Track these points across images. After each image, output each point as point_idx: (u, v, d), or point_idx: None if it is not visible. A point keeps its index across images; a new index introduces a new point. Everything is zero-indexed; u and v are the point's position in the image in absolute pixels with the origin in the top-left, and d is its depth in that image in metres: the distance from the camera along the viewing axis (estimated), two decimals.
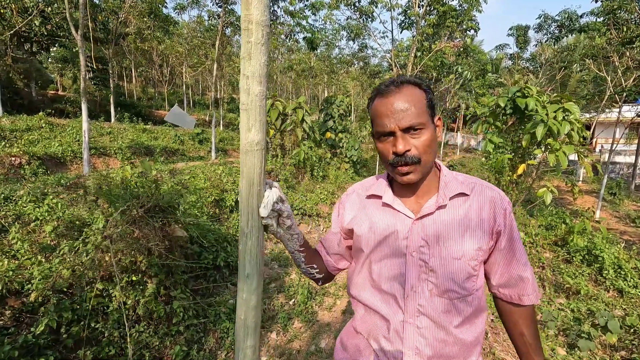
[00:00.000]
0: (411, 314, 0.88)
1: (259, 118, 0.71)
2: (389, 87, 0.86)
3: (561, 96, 5.02)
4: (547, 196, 4.69)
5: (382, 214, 0.94)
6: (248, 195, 0.75)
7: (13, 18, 10.23)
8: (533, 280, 0.95)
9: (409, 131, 0.83)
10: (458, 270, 0.87)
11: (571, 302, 3.61)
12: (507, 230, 0.91)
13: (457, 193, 0.90)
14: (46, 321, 1.93)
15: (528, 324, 0.95)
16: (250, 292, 0.79)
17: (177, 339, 2.53)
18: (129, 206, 1.97)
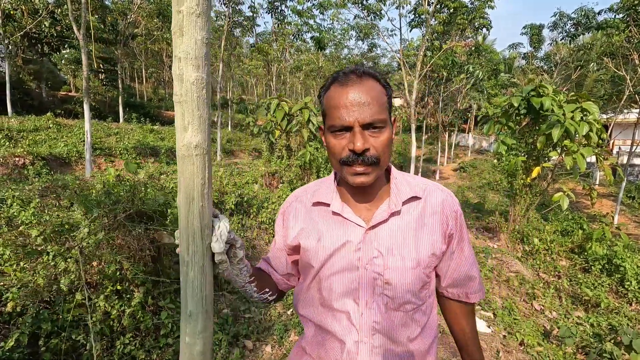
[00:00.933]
0: (366, 333, 0.80)
1: (198, 113, 0.54)
2: (348, 76, 0.77)
3: (579, 95, 4.75)
4: (564, 201, 4.43)
5: (331, 224, 0.85)
6: (187, 214, 0.58)
7: (23, 19, 10.33)
8: (479, 278, 0.95)
9: (369, 128, 0.75)
10: (414, 280, 0.81)
11: (590, 316, 3.36)
12: (457, 233, 0.88)
13: (410, 197, 0.84)
14: (16, 335, 1.80)
15: (468, 319, 0.96)
16: (194, 336, 0.62)
17: (165, 352, 2.39)
18: (107, 212, 1.83)
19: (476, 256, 4.39)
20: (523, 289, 3.79)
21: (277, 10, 12.25)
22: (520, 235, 5.23)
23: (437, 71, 10.42)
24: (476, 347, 0.96)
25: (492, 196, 10.22)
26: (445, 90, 13.70)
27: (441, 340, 2.65)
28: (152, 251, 2.16)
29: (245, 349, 2.62)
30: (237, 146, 14.69)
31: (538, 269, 4.53)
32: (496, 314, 3.12)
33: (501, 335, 2.82)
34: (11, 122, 8.41)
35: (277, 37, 13.92)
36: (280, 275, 0.97)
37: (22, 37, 10.94)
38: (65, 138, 8.31)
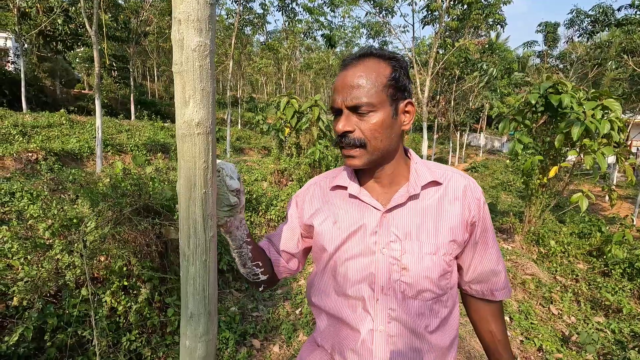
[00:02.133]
0: (381, 321, 0.77)
1: (200, 85, 0.48)
2: (351, 60, 0.77)
3: (600, 92, 4.57)
4: (583, 202, 4.27)
5: (348, 207, 0.82)
6: (188, 202, 0.51)
7: (38, 17, 10.48)
8: (505, 275, 0.89)
9: (356, 111, 0.73)
10: (433, 266, 0.76)
11: (611, 322, 3.21)
12: (481, 222, 0.82)
13: (430, 181, 0.80)
14: (21, 330, 1.77)
15: (497, 320, 0.89)
16: (195, 339, 0.55)
17: (171, 349, 2.34)
18: (113, 206, 1.79)
19: None
20: (539, 293, 3.66)
21: (288, 7, 12.20)
22: (535, 236, 5.07)
23: (449, 69, 10.23)
24: (507, 353, 0.88)
25: (504, 197, 10.01)
26: (458, 89, 13.47)
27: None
28: (159, 247, 2.11)
29: (252, 348, 2.56)
30: (246, 144, 14.70)
31: (555, 272, 4.38)
32: (512, 318, 3.00)
33: (518, 340, 2.71)
34: (26, 118, 8.53)
35: (288, 35, 13.88)
36: (281, 252, 0.90)
37: (37, 35, 11.12)
38: (77, 134, 8.40)
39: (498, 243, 5.13)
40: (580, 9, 15.78)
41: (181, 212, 0.52)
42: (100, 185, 1.91)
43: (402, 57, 0.80)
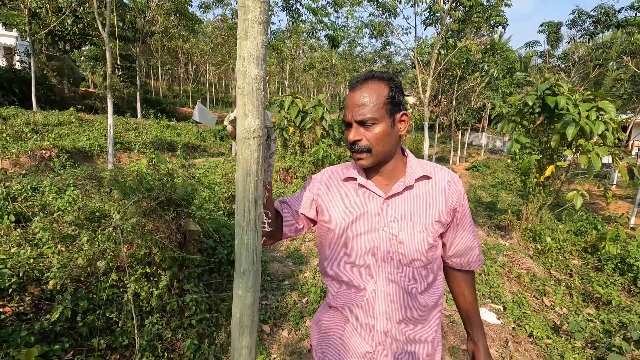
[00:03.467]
0: (382, 283, 0.97)
1: (257, 103, 0.66)
2: (355, 83, 0.97)
3: (595, 94, 4.73)
4: (577, 200, 4.44)
5: (357, 194, 1.03)
6: (245, 187, 0.70)
7: (48, 17, 10.69)
8: (479, 249, 1.11)
9: (363, 124, 0.94)
10: (422, 241, 0.97)
11: (601, 313, 3.39)
12: (461, 208, 1.04)
13: (421, 176, 1.02)
14: (61, 309, 1.97)
15: (469, 287, 1.13)
16: (246, 290, 0.75)
17: (189, 332, 2.54)
18: (141, 198, 1.98)
19: (487, 253, 4.45)
20: (534, 285, 3.84)
21: (292, 8, 12.36)
22: (532, 233, 5.24)
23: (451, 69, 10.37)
24: (475, 311, 1.13)
25: (505, 196, 10.16)
26: (459, 89, 13.61)
27: (451, 329, 2.74)
28: (179, 237, 2.31)
29: (263, 333, 2.76)
30: None
31: (550, 267, 4.55)
32: (506, 307, 3.19)
33: (510, 327, 2.89)
34: (37, 117, 8.75)
35: (291, 34, 14.04)
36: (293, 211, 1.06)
37: (46, 34, 11.32)
38: (87, 132, 8.61)
39: (496, 240, 5.25)
40: (582, 10, 15.84)
41: (238, 194, 0.71)
42: (129, 180, 2.10)
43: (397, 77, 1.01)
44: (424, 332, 1.02)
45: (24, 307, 2.15)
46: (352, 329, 1.02)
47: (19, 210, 2.97)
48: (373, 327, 0.98)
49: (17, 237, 2.64)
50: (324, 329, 1.08)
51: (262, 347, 2.56)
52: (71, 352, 2.07)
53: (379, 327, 0.98)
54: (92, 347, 2.15)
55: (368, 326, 0.98)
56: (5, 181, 3.24)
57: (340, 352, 1.03)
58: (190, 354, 2.41)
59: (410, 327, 1.00)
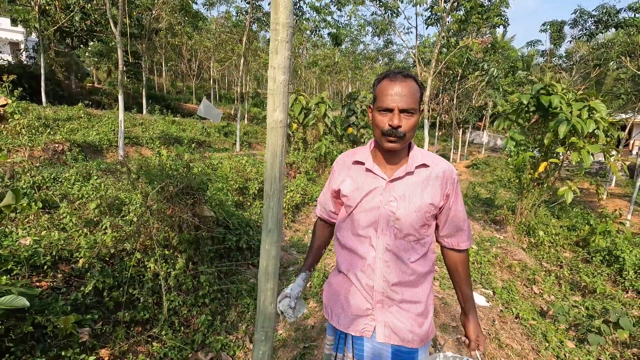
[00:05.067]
0: (381, 251, 1.16)
1: (283, 101, 0.89)
2: (397, 75, 1.10)
3: (588, 94, 4.93)
4: (568, 195, 4.65)
5: (365, 177, 1.20)
6: (272, 164, 0.93)
7: (57, 14, 10.91)
8: (468, 231, 1.26)
9: (404, 112, 1.09)
10: (416, 219, 1.14)
11: (586, 300, 3.61)
12: (453, 194, 1.19)
13: (421, 164, 1.17)
14: (93, 282, 2.21)
15: (462, 264, 1.28)
16: (271, 244, 0.97)
17: (202, 309, 2.77)
18: (164, 184, 2.20)
19: (481, 244, 4.67)
20: (524, 275, 4.06)
21: (296, 6, 12.54)
22: (526, 228, 5.46)
23: (452, 68, 10.55)
24: (467, 287, 1.28)
25: (504, 193, 10.35)
26: (460, 87, 13.78)
27: (443, 309, 2.97)
28: (196, 221, 2.53)
29: None
30: (253, 139, 15.12)
31: (541, 259, 4.77)
32: (495, 292, 3.41)
33: (498, 309, 3.12)
34: (47, 112, 8.99)
35: (295, 32, 14.21)
36: (327, 211, 1.36)
37: (55, 31, 11.54)
38: (96, 127, 8.85)
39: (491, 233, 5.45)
40: (583, 9, 15.93)
41: (267, 170, 0.94)
42: (153, 168, 2.32)
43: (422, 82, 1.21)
44: (415, 294, 1.18)
45: (57, 282, 2.39)
46: (355, 289, 1.20)
47: (44, 197, 3.21)
48: (372, 288, 1.17)
49: (46, 221, 2.87)
50: (333, 289, 1.29)
51: None
52: (100, 323, 2.30)
53: (378, 287, 1.16)
54: (118, 320, 2.39)
55: (368, 287, 1.17)
56: (30, 171, 3.48)
57: (345, 308, 1.22)
58: (204, 329, 2.64)
59: (404, 288, 1.17)
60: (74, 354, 2.02)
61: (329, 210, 1.34)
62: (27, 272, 2.28)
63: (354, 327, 1.20)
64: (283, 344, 2.57)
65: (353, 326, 1.20)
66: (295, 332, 2.72)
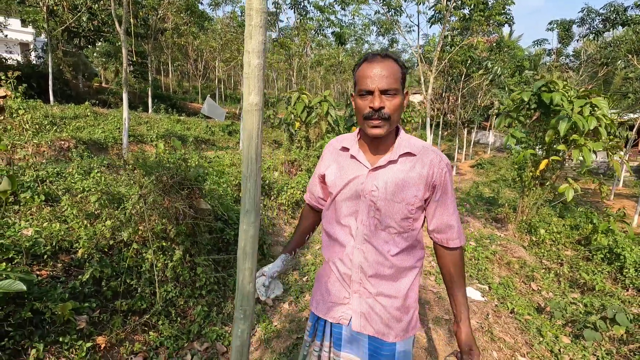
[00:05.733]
0: (359, 242, 1.13)
1: (257, 84, 0.92)
2: (375, 56, 1.06)
3: (589, 91, 4.89)
4: (569, 192, 4.62)
5: (349, 163, 1.17)
6: (249, 147, 0.96)
7: (64, 14, 11.09)
8: (459, 228, 1.16)
9: (385, 93, 1.03)
10: (397, 211, 1.09)
11: (585, 297, 3.59)
12: (441, 185, 1.11)
13: (405, 152, 1.11)
14: (91, 271, 2.26)
15: (455, 265, 1.17)
16: (249, 224, 1.01)
17: (199, 301, 2.82)
18: (161, 173, 2.25)
19: (480, 241, 4.66)
20: (523, 272, 4.05)
21: (300, 5, 12.59)
22: (528, 226, 5.42)
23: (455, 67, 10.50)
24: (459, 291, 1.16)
25: (508, 193, 10.28)
26: (465, 87, 13.70)
27: (437, 303, 2.98)
28: (192, 212, 2.58)
29: (266, 305, 3.03)
30: None
31: (542, 257, 4.74)
32: (491, 287, 3.41)
33: (494, 304, 3.12)
34: (54, 110, 9.15)
35: (299, 32, 14.27)
36: (316, 197, 1.35)
37: (63, 31, 11.73)
38: (102, 125, 8.99)
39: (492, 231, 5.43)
40: (591, 8, 15.76)
41: (244, 152, 0.97)
42: (150, 161, 2.38)
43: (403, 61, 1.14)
44: (393, 288, 1.13)
45: (56, 271, 2.45)
46: (334, 277, 1.20)
47: (47, 191, 3.28)
48: (350, 277, 1.14)
49: (48, 213, 2.94)
50: (317, 277, 1.31)
51: (265, 316, 2.83)
52: (98, 311, 2.36)
53: (355, 277, 1.14)
54: (115, 309, 2.44)
55: (346, 275, 1.15)
56: (34, 166, 3.56)
57: (324, 295, 1.23)
58: (200, 320, 2.69)
59: (381, 281, 1.13)
60: (71, 340, 2.07)
61: (317, 197, 1.33)
62: (28, 261, 2.35)
63: (332, 314, 1.20)
64: (277, 334, 2.61)
65: (331, 313, 1.20)
66: (289, 323, 2.76)
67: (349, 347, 1.19)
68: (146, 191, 2.17)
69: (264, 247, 3.89)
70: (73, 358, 2.03)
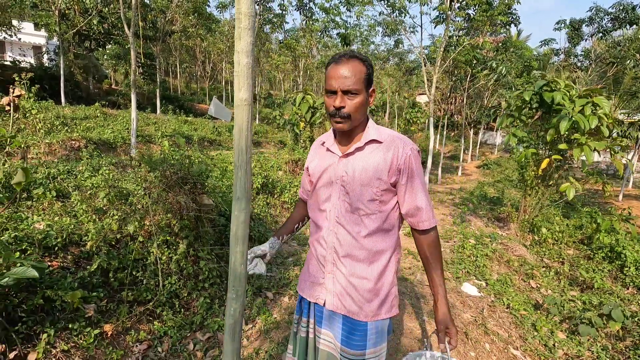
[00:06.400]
0: (332, 224, 1.23)
1: (247, 82, 1.01)
2: (341, 58, 1.14)
3: (591, 90, 4.90)
4: (570, 191, 4.63)
5: (324, 155, 1.30)
6: (239, 139, 1.05)
7: (75, 18, 11.37)
8: (427, 210, 1.21)
9: (347, 94, 1.12)
10: (364, 193, 1.18)
11: (584, 295, 3.61)
12: (406, 170, 1.18)
13: (371, 139, 1.20)
14: (98, 262, 2.38)
15: (429, 246, 1.24)
16: (240, 211, 1.10)
17: (202, 293, 2.92)
18: (165, 168, 2.35)
19: (480, 239, 4.69)
20: (523, 269, 4.07)
21: (306, 7, 12.71)
22: (530, 225, 5.43)
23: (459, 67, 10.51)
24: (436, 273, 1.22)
25: (514, 193, 10.24)
26: (471, 87, 13.67)
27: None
28: (195, 207, 2.68)
29: (267, 299, 3.12)
30: (263, 138, 15.35)
31: (543, 256, 4.76)
32: (488, 283, 3.45)
33: (490, 300, 3.17)
34: (65, 111, 9.40)
35: (305, 33, 14.39)
36: (306, 191, 1.45)
37: (74, 34, 12.02)
38: (111, 126, 9.20)
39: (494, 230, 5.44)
40: (599, 7, 15.61)
41: (235, 143, 1.06)
42: (155, 157, 2.49)
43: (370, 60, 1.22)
44: (366, 271, 1.20)
45: (66, 262, 2.57)
46: (314, 259, 1.31)
47: (58, 187, 3.42)
48: (325, 258, 1.25)
49: (59, 208, 3.08)
50: (306, 260, 1.41)
51: (265, 309, 2.92)
52: (105, 300, 2.47)
53: (329, 258, 1.24)
54: (122, 299, 2.55)
55: (322, 256, 1.26)
56: (46, 164, 3.71)
57: (305, 276, 1.35)
58: (203, 312, 2.79)
59: (353, 262, 1.20)
60: (80, 327, 2.19)
61: (307, 190, 1.43)
62: (40, 253, 2.47)
63: (311, 293, 1.30)
64: (276, 326, 2.69)
65: (310, 292, 1.30)
66: (289, 315, 2.84)
67: (328, 325, 1.27)
68: (151, 185, 2.28)
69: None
70: (81, 344, 2.14)
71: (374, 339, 1.22)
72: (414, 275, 3.63)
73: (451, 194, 9.27)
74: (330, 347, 1.26)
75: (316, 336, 1.31)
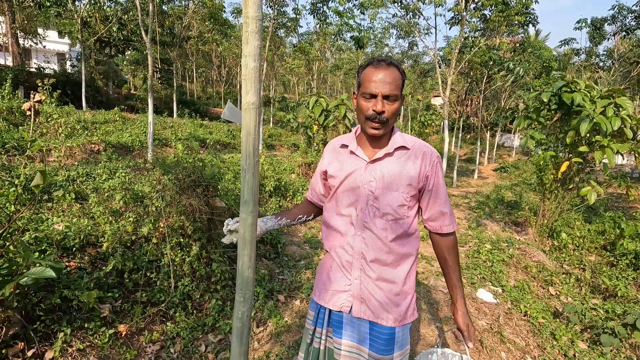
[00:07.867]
0: (359, 229, 1.22)
1: (254, 85, 1.01)
2: (381, 63, 1.16)
3: (613, 90, 4.73)
4: (591, 195, 4.47)
5: (348, 158, 1.27)
6: (247, 142, 1.05)
7: (97, 25, 11.75)
8: (450, 214, 1.26)
9: (387, 98, 1.14)
10: (394, 199, 1.20)
11: (606, 303, 3.47)
12: (433, 176, 1.22)
13: (400, 146, 1.22)
14: (114, 263, 2.42)
15: (450, 252, 1.27)
16: (247, 214, 1.10)
17: (214, 295, 2.94)
18: (177, 171, 2.39)
19: (497, 244, 4.58)
20: (541, 276, 3.95)
21: (319, 11, 12.77)
22: (549, 230, 5.27)
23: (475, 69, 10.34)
24: (455, 275, 1.26)
25: (533, 197, 9.96)
26: (487, 89, 13.43)
27: (447, 303, 2.97)
28: (207, 209, 2.71)
29: (278, 302, 3.12)
30: (277, 141, 15.45)
31: (563, 262, 4.60)
32: (505, 290, 3.36)
33: (506, 307, 3.08)
34: (86, 115, 9.70)
35: (319, 37, 14.45)
36: (318, 194, 1.43)
37: (95, 41, 12.42)
38: (129, 130, 9.44)
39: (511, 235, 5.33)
40: (623, 5, 15.12)
41: (243, 146, 1.07)
42: (169, 160, 2.53)
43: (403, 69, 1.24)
44: (393, 274, 1.22)
45: (83, 263, 2.64)
46: (336, 266, 1.28)
47: (77, 189, 3.52)
48: (351, 264, 1.23)
49: (77, 210, 3.16)
50: (319, 267, 1.39)
51: (277, 312, 2.92)
52: (120, 301, 2.52)
53: (356, 264, 1.22)
54: (136, 300, 2.60)
55: (347, 263, 1.24)
56: (66, 167, 3.82)
57: (326, 284, 1.31)
58: (215, 313, 2.81)
59: (381, 267, 1.21)
60: (95, 326, 2.23)
61: (319, 193, 1.41)
62: (58, 253, 2.54)
63: (334, 302, 1.26)
64: (287, 329, 2.69)
65: (333, 301, 1.26)
66: (300, 319, 2.83)
67: (349, 335, 1.25)
68: (164, 188, 2.32)
69: (279, 246, 4.00)
70: (97, 343, 2.18)
71: (401, 341, 1.24)
72: (427, 280, 3.57)
73: (467, 197, 9.09)
74: (354, 357, 1.25)
75: (335, 348, 1.28)
